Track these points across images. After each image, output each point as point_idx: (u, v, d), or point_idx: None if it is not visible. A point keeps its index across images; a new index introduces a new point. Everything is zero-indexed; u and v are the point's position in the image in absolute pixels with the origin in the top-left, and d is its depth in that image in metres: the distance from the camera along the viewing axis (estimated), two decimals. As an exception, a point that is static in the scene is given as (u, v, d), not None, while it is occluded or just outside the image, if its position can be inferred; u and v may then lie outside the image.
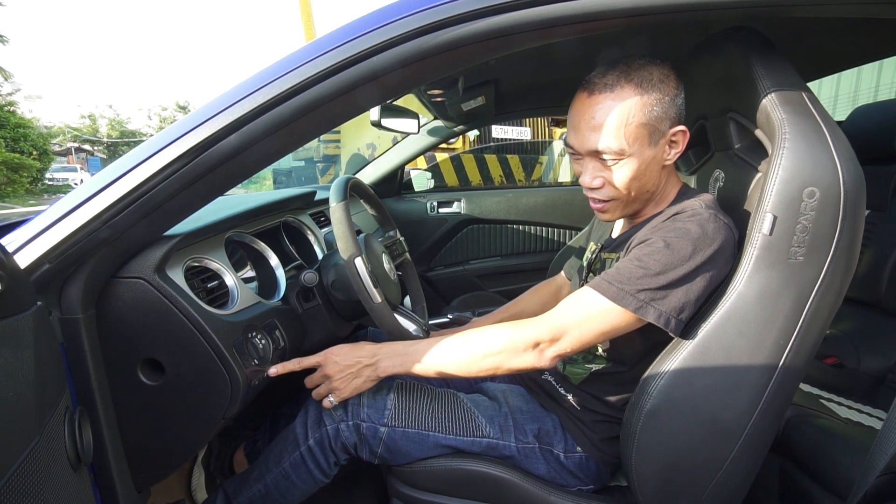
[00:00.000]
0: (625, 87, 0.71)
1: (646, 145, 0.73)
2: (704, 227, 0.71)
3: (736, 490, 0.78)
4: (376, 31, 0.62)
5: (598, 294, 0.73)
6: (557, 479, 0.88)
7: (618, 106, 0.71)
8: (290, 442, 0.89)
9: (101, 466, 0.68)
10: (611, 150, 0.72)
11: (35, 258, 0.60)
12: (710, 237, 0.70)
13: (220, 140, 0.64)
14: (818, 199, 0.65)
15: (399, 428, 0.86)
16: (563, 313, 0.76)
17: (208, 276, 0.87)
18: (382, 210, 1.27)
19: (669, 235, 0.72)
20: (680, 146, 0.77)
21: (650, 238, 0.74)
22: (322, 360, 0.86)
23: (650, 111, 0.71)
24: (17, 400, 0.40)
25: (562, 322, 0.75)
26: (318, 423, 0.87)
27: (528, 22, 0.61)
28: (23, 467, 0.37)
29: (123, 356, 0.71)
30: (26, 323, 0.44)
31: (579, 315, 0.75)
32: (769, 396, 0.71)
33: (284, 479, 0.88)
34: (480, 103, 1.60)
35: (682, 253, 0.70)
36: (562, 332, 0.75)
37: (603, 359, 0.88)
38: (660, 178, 0.79)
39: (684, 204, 0.77)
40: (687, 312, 0.72)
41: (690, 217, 0.73)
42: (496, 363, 0.78)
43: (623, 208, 0.80)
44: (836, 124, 0.69)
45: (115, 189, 0.64)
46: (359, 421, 0.86)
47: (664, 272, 0.70)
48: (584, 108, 0.74)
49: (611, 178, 0.76)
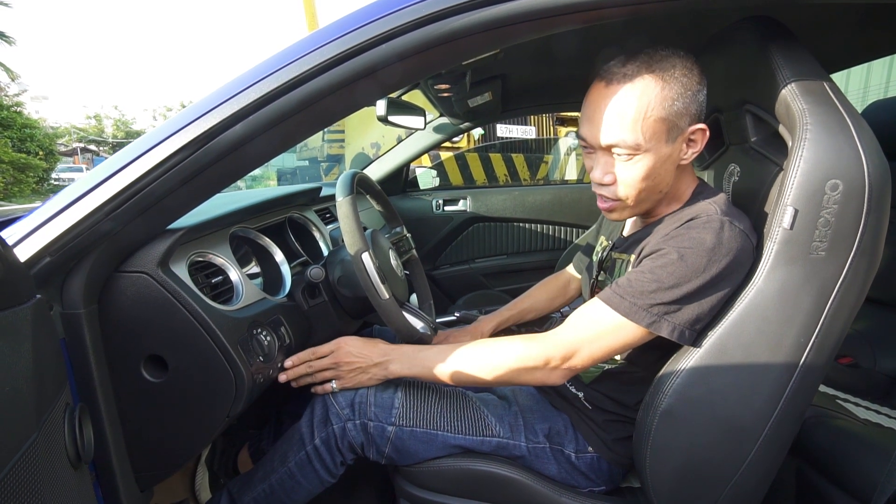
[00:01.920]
0: (645, 79, 0.67)
1: (662, 142, 0.69)
2: (720, 236, 0.67)
3: (753, 492, 0.76)
4: (373, 23, 0.61)
5: (609, 309, 0.72)
6: (568, 479, 0.86)
7: (637, 98, 0.67)
8: (295, 441, 0.87)
9: (103, 465, 0.67)
10: (626, 144, 0.68)
11: (35, 251, 0.59)
12: (725, 247, 0.67)
13: (218, 135, 0.63)
14: (842, 191, 0.63)
15: (407, 427, 0.84)
16: (575, 330, 0.75)
17: (212, 272, 0.85)
18: (389, 206, 1.25)
19: (683, 246, 0.68)
20: (699, 145, 0.73)
21: (663, 248, 0.70)
22: (335, 346, 0.87)
23: (670, 105, 0.67)
24: (14, 394, 0.38)
25: (573, 339, 0.74)
26: (325, 423, 0.86)
27: (528, 12, 0.60)
28: (19, 464, 0.36)
29: (126, 352, 0.70)
30: (24, 316, 0.43)
31: (591, 331, 0.74)
32: (789, 396, 0.69)
33: (290, 479, 0.86)
34: (487, 99, 1.58)
35: (697, 265, 0.67)
36: (573, 349, 0.74)
37: (614, 358, 0.86)
38: (673, 178, 0.75)
39: (699, 207, 0.73)
40: (701, 324, 0.70)
41: (705, 224, 0.69)
42: (506, 377, 0.78)
43: (632, 209, 0.76)
44: (860, 115, 0.66)
45: (116, 181, 0.62)
46: (366, 420, 0.84)
47: (678, 285, 0.68)
48: (600, 98, 0.70)
49: (623, 174, 0.71)
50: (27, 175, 13.92)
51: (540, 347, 0.75)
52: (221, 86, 0.64)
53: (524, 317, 1.19)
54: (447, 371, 0.80)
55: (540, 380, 0.77)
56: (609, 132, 0.69)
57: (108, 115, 37.13)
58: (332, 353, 0.87)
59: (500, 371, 0.77)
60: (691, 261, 0.67)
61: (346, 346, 0.86)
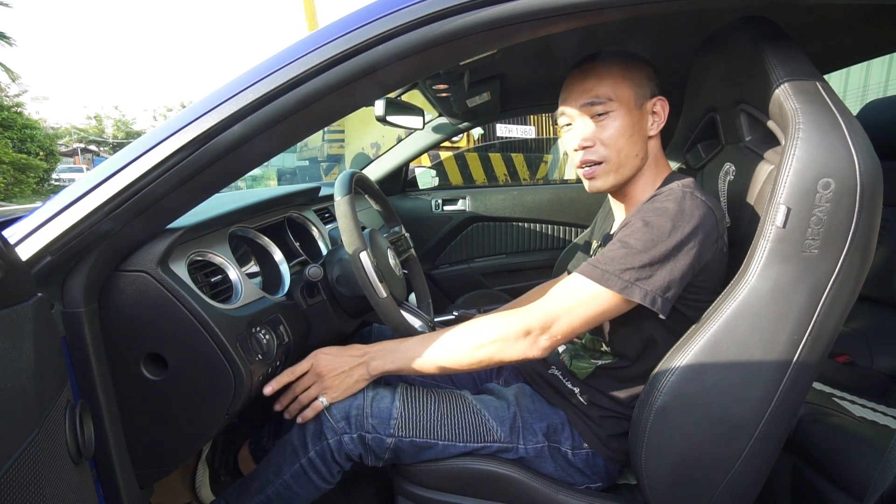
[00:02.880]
0: (613, 62, 0.81)
1: (632, 105, 0.80)
2: (681, 203, 0.73)
3: (748, 488, 0.77)
4: (373, 23, 0.61)
5: (583, 278, 0.75)
6: (565, 477, 0.87)
7: (607, 71, 0.80)
8: (288, 454, 0.85)
9: (104, 462, 0.68)
10: (602, 95, 0.79)
11: (36, 250, 0.59)
12: (687, 213, 0.72)
13: (217, 135, 0.63)
14: (834, 190, 0.64)
15: (406, 438, 0.83)
16: (552, 300, 0.77)
17: (212, 271, 0.86)
18: (387, 205, 1.26)
19: (648, 215, 0.74)
20: (661, 117, 0.82)
21: (630, 220, 0.76)
22: (312, 360, 0.85)
23: (634, 78, 0.80)
24: (16, 391, 0.39)
25: (551, 309, 0.76)
26: (319, 436, 0.83)
27: (527, 13, 0.60)
28: (21, 460, 0.37)
29: (126, 351, 0.70)
30: (26, 313, 0.43)
31: (567, 301, 0.76)
32: (783, 393, 0.70)
33: (286, 490, 0.85)
34: (486, 99, 1.58)
35: (662, 230, 0.71)
36: (552, 319, 0.75)
37: (608, 354, 0.87)
38: (646, 150, 0.83)
39: (664, 188, 0.79)
40: (673, 291, 0.72)
41: (668, 196, 0.75)
42: (489, 353, 0.78)
43: (612, 173, 0.82)
44: (852, 114, 0.67)
45: (116, 181, 0.63)
46: (363, 433, 0.82)
47: (646, 250, 0.71)
48: (576, 77, 0.82)
49: (601, 134, 0.80)
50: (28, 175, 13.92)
51: (520, 319, 0.76)
52: (221, 86, 0.65)
53: None
54: (430, 356, 0.80)
55: (522, 353, 0.77)
56: (586, 93, 0.80)
57: (109, 115, 37.10)
58: (310, 368, 0.84)
59: (482, 348, 0.77)
60: (656, 226, 0.72)
61: (322, 356, 0.84)
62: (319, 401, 0.83)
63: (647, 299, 0.71)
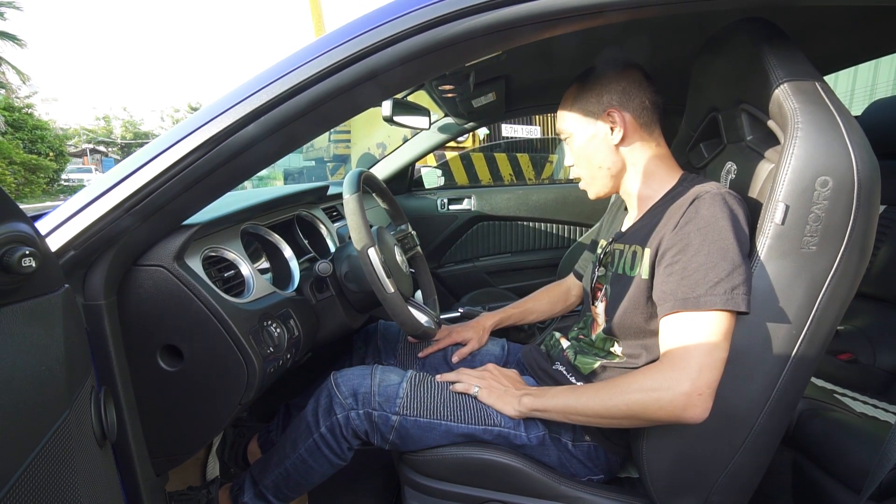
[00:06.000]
0: (570, 90, 0.91)
1: (582, 126, 0.89)
2: (729, 203, 0.73)
3: (748, 481, 0.78)
4: (378, 27, 0.63)
5: (686, 314, 0.71)
6: (567, 467, 0.89)
7: (564, 102, 0.92)
8: (302, 430, 0.91)
9: (122, 448, 0.70)
10: (562, 128, 0.93)
11: (62, 244, 0.62)
12: (736, 215, 0.72)
13: (231, 135, 0.65)
14: (831, 188, 0.65)
15: (411, 417, 0.87)
16: (682, 353, 0.70)
17: (225, 266, 0.88)
18: (394, 204, 1.28)
19: (702, 226, 0.72)
20: (619, 123, 0.85)
21: (685, 240, 0.73)
22: (489, 366, 0.98)
23: (581, 101, 0.88)
24: (49, 374, 0.42)
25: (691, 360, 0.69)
26: (329, 412, 0.89)
27: (530, 16, 0.61)
28: (56, 436, 0.39)
29: (143, 342, 0.73)
30: (56, 302, 0.46)
31: (692, 342, 0.70)
32: (781, 387, 0.71)
33: (302, 463, 0.90)
34: (491, 100, 1.60)
35: (724, 236, 0.70)
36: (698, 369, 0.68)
37: (616, 355, 0.88)
38: (617, 158, 0.88)
39: (697, 189, 0.76)
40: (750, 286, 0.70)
41: (711, 202, 0.73)
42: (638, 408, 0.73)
43: (591, 185, 0.93)
44: (850, 114, 0.68)
45: (135, 180, 0.65)
46: (370, 409, 0.87)
47: (721, 262, 0.69)
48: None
49: (572, 157, 0.93)
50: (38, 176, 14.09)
51: (677, 385, 0.69)
52: (234, 88, 0.67)
53: (526, 317, 1.23)
54: (580, 403, 0.79)
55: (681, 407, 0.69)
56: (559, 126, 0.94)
57: (117, 116, 37.35)
58: (484, 368, 0.98)
59: (632, 403, 0.72)
60: (716, 236, 0.71)
61: (498, 369, 0.97)
62: (474, 390, 0.90)
63: (743, 304, 0.68)
